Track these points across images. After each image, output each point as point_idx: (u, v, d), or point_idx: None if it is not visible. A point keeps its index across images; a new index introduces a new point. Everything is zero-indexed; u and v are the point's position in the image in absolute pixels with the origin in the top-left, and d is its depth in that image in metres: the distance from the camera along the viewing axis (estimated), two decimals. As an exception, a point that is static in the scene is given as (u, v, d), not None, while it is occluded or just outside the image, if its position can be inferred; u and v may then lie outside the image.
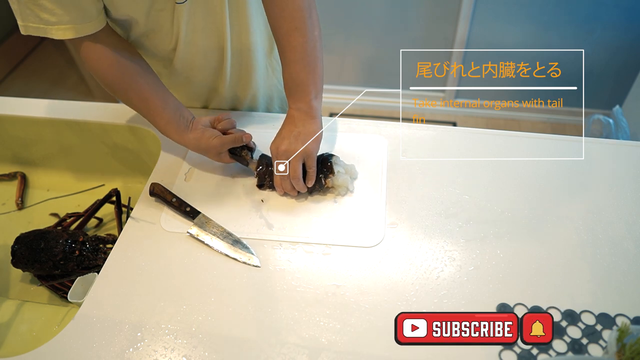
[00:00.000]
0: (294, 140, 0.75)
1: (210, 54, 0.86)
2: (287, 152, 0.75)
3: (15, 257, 0.82)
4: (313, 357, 0.61)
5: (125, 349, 0.63)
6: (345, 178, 0.79)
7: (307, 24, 0.74)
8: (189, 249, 0.74)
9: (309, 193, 0.80)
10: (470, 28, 2.06)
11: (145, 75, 0.80)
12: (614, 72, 2.10)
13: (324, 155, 0.81)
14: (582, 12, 1.94)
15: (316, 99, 0.77)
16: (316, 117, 0.77)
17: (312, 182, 0.77)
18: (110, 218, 0.96)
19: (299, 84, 0.76)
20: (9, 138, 1.04)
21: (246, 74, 0.92)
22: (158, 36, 0.81)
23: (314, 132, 0.76)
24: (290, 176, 0.76)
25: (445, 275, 0.68)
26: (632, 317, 0.63)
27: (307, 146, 0.75)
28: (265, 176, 0.80)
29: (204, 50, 0.85)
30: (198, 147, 0.81)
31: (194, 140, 0.80)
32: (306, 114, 0.77)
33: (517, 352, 0.60)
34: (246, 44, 0.87)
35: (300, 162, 0.75)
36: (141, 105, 0.81)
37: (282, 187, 0.78)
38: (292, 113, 0.78)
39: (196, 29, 0.80)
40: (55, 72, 2.79)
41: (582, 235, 0.72)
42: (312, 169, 0.76)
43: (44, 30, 0.70)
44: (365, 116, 2.39)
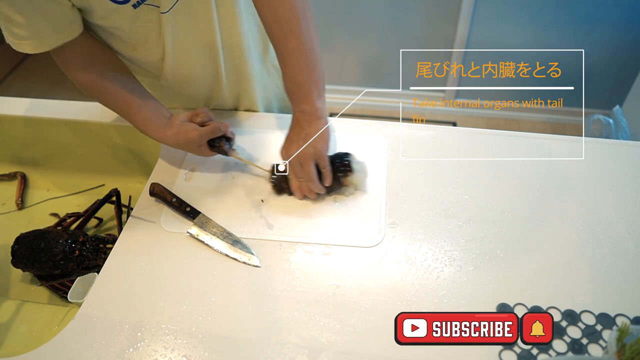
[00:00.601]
0: (302, 142, 0.74)
1: (202, 62, 0.86)
2: (298, 156, 0.74)
3: (15, 257, 0.82)
4: (313, 357, 0.61)
5: (125, 349, 0.63)
6: (361, 176, 0.79)
7: (302, 26, 0.72)
8: (189, 249, 0.74)
9: (328, 193, 0.79)
10: (470, 28, 2.06)
11: (122, 77, 0.80)
12: (614, 72, 2.10)
13: (340, 154, 0.80)
14: (582, 12, 1.94)
15: (319, 99, 0.76)
16: (322, 117, 0.76)
17: (329, 182, 0.76)
18: (110, 218, 0.96)
19: (300, 86, 0.76)
20: (9, 138, 1.04)
21: (242, 78, 0.92)
22: (146, 46, 0.80)
23: (322, 133, 0.75)
24: (306, 179, 0.75)
25: (445, 275, 0.68)
26: (632, 317, 0.63)
27: (316, 147, 0.74)
28: (282, 183, 0.80)
29: (195, 58, 0.85)
30: (177, 143, 0.81)
31: (173, 136, 0.80)
32: (311, 115, 0.76)
33: (517, 352, 0.60)
34: (238, 48, 0.86)
35: (312, 164, 0.74)
36: (119, 106, 0.82)
37: (301, 191, 0.78)
38: (297, 116, 0.77)
39: (185, 37, 0.80)
40: (55, 72, 2.77)
41: (582, 235, 0.72)
42: (326, 168, 0.76)
43: (18, 45, 0.71)
44: (365, 116, 2.39)
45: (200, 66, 0.87)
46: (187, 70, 0.87)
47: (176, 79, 0.88)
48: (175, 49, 0.81)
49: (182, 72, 0.87)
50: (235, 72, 0.91)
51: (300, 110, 0.77)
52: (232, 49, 0.86)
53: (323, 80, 0.78)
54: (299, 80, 0.75)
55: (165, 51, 0.81)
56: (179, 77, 0.87)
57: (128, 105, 0.81)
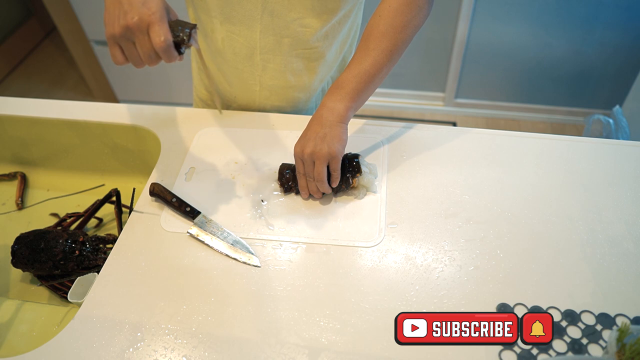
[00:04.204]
0: (319, 141, 0.73)
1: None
2: (312, 154, 0.74)
3: (15, 257, 0.82)
4: (313, 357, 0.61)
5: (125, 349, 0.63)
6: (370, 178, 0.79)
7: (399, 48, 0.76)
8: (189, 249, 0.74)
9: (334, 194, 0.79)
10: (470, 28, 2.06)
11: None
12: (614, 72, 2.11)
13: (349, 155, 0.80)
14: (582, 12, 1.94)
15: (352, 109, 0.76)
16: (344, 123, 0.76)
17: (336, 184, 0.76)
18: (110, 218, 0.96)
19: (351, 89, 0.75)
20: (9, 138, 1.04)
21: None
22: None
23: (339, 135, 0.74)
24: (315, 179, 0.75)
25: (445, 275, 0.68)
26: (632, 317, 0.63)
27: (332, 147, 0.73)
28: (289, 183, 0.80)
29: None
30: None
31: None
32: (338, 116, 0.75)
33: (517, 352, 0.60)
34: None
35: (325, 165, 0.74)
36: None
37: (307, 190, 0.78)
38: (322, 112, 0.76)
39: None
40: (55, 72, 2.79)
41: (582, 235, 0.72)
42: (337, 172, 0.75)
43: None
44: (365, 116, 2.40)
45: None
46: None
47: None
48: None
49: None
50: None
51: (330, 107, 0.75)
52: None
53: (367, 96, 0.78)
54: (354, 81, 0.75)
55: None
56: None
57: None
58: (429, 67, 2.27)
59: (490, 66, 2.19)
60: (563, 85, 2.19)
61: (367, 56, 0.75)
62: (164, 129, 0.93)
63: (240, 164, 0.86)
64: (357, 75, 0.75)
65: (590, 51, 2.05)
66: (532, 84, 2.23)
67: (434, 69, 2.27)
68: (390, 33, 0.75)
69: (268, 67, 0.91)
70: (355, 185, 0.78)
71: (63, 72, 2.78)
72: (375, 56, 0.75)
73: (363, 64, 0.75)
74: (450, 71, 2.23)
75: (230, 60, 0.92)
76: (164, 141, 0.91)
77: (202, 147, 0.90)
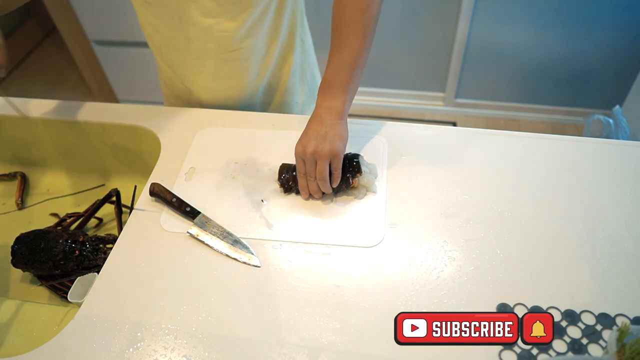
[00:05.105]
0: (321, 140, 0.74)
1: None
2: (315, 153, 0.74)
3: (15, 257, 0.82)
4: (313, 357, 0.61)
5: (125, 349, 0.63)
6: (370, 178, 0.79)
7: (360, 31, 0.75)
8: (189, 249, 0.74)
9: (334, 194, 0.79)
10: (470, 28, 2.06)
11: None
12: (614, 72, 2.10)
13: (349, 155, 0.80)
14: (582, 12, 1.94)
15: (348, 102, 0.77)
16: (344, 120, 0.76)
17: (337, 182, 0.76)
18: (110, 218, 0.96)
19: (340, 83, 0.76)
20: (9, 138, 1.04)
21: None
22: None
23: (340, 133, 0.75)
24: (317, 178, 0.75)
25: (445, 275, 0.68)
26: (632, 317, 0.63)
27: (334, 145, 0.73)
28: (290, 183, 0.80)
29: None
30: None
31: None
32: (336, 114, 0.75)
33: (517, 352, 0.60)
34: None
35: (327, 163, 0.74)
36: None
37: (307, 190, 0.78)
38: (320, 112, 0.76)
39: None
40: (55, 72, 2.79)
41: (582, 235, 0.72)
42: (338, 170, 0.75)
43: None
44: (365, 116, 2.40)
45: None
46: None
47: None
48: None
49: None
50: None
51: (327, 107, 0.76)
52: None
53: (357, 84, 0.78)
54: (342, 78, 0.76)
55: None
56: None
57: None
58: (429, 67, 2.27)
59: (491, 66, 2.19)
60: (563, 85, 2.19)
61: (343, 46, 0.76)
62: (164, 129, 0.93)
63: (240, 164, 0.86)
64: (340, 68, 0.76)
65: (590, 51, 2.05)
66: (532, 84, 2.23)
67: (434, 69, 2.27)
68: (357, 15, 0.75)
69: (203, 72, 0.94)
70: (355, 185, 0.78)
71: (63, 72, 2.78)
72: (351, 44, 0.75)
73: (342, 55, 0.76)
74: (450, 71, 2.23)
75: (174, 63, 0.96)
76: (164, 141, 0.91)
77: (202, 147, 0.90)
